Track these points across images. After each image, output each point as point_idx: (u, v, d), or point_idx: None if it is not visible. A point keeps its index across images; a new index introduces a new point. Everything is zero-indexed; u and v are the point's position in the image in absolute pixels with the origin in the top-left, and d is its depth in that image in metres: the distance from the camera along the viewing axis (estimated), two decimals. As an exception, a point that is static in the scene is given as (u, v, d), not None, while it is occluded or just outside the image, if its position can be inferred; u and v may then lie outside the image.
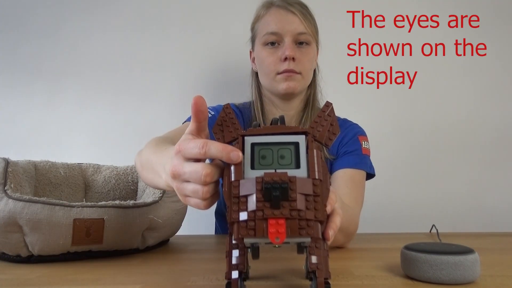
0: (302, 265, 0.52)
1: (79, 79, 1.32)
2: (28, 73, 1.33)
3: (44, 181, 0.85)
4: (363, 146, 0.92)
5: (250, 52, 0.98)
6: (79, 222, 0.64)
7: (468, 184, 1.30)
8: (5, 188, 0.66)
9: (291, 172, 0.36)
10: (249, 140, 0.40)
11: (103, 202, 0.69)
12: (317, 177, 0.36)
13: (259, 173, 0.36)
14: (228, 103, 0.47)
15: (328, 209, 0.40)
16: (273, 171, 0.37)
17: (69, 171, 0.90)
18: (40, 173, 0.85)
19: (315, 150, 0.38)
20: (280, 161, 0.38)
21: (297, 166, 0.38)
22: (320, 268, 0.39)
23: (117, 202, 0.70)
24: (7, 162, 0.72)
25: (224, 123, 0.44)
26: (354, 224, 0.76)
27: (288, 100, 0.93)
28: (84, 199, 0.92)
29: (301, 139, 0.39)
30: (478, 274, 0.50)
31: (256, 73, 0.96)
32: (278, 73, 0.87)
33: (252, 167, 0.38)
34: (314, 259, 0.39)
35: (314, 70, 0.96)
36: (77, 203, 0.66)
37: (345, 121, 0.98)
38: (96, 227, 0.65)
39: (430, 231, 0.96)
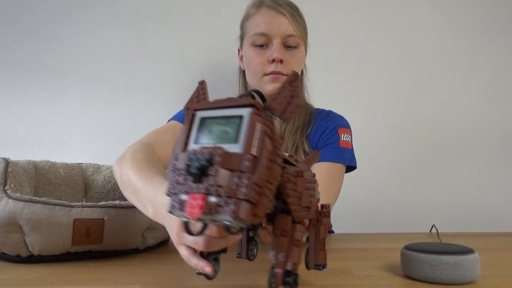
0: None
1: (79, 79, 1.33)
2: (27, 72, 1.33)
3: (44, 181, 0.85)
4: (342, 139, 0.91)
5: (238, 50, 0.97)
6: (79, 222, 0.64)
7: (468, 184, 1.30)
8: (5, 188, 0.66)
9: (229, 147, 0.34)
10: (200, 114, 0.39)
11: (103, 202, 0.69)
12: (251, 152, 0.33)
13: (199, 147, 0.35)
14: (204, 80, 0.45)
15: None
16: (213, 145, 0.35)
17: (69, 171, 0.90)
18: (40, 173, 0.85)
19: (258, 124, 0.34)
20: (223, 135, 0.36)
21: (237, 140, 0.35)
22: (280, 258, 0.37)
23: (117, 202, 0.70)
24: (7, 162, 0.72)
25: (195, 99, 0.42)
26: None
27: None
28: (84, 199, 0.92)
29: (247, 113, 0.36)
30: (478, 274, 0.50)
31: (244, 72, 0.96)
32: (265, 74, 0.87)
33: (197, 142, 0.37)
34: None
35: (302, 71, 0.96)
36: (77, 203, 0.66)
37: (329, 113, 0.97)
38: (96, 227, 0.65)
39: (430, 231, 0.96)
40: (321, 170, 0.85)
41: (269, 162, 0.33)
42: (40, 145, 1.30)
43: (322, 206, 0.47)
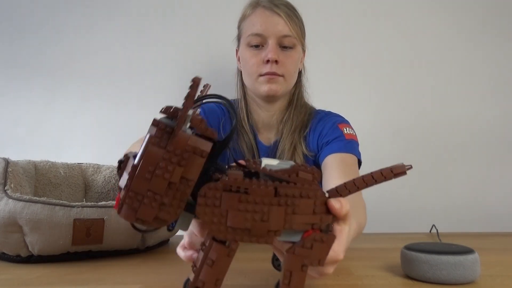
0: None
1: (79, 78, 1.32)
2: (27, 72, 1.32)
3: (44, 181, 0.85)
4: (345, 132, 0.87)
5: (236, 51, 0.97)
6: (79, 222, 0.64)
7: (468, 184, 1.30)
8: (5, 188, 0.66)
9: None
10: None
11: (103, 202, 0.69)
12: (134, 162, 0.35)
13: None
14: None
15: (337, 206, 0.38)
16: None
17: (69, 171, 0.90)
18: (40, 173, 0.85)
19: (147, 134, 0.36)
20: None
21: None
22: (193, 271, 0.37)
23: (117, 202, 0.70)
24: (7, 162, 0.72)
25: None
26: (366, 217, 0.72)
27: (270, 102, 0.92)
28: (84, 199, 0.92)
29: None
30: (478, 274, 0.50)
31: (241, 72, 0.95)
32: (261, 75, 0.86)
33: None
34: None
35: (300, 71, 0.95)
36: (77, 203, 0.66)
37: (328, 113, 0.96)
38: (96, 227, 0.65)
39: (430, 231, 0.96)
40: (336, 160, 0.80)
41: (147, 173, 0.34)
42: (40, 145, 1.30)
43: (316, 235, 0.37)
